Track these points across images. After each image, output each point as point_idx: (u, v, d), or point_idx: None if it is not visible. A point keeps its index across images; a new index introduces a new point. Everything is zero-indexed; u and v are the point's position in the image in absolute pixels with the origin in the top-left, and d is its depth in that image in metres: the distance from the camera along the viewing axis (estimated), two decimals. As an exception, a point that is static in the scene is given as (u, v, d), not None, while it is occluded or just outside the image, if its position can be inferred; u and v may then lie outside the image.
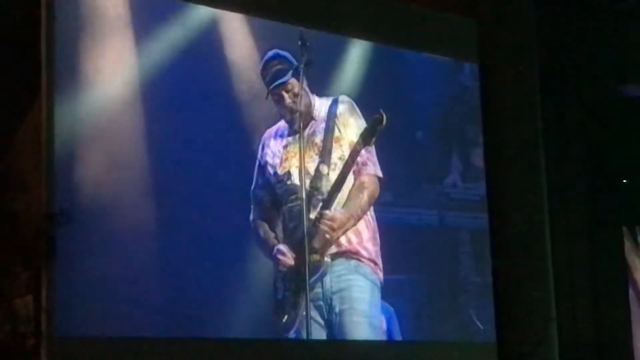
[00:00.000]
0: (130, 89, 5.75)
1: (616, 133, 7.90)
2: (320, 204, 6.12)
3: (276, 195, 6.18)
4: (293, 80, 6.17)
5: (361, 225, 6.30)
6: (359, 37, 6.87)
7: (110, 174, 5.59)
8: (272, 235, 6.13)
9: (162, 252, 5.70)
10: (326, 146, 6.17)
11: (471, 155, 7.43)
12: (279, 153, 6.21)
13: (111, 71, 5.68)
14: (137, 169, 5.71)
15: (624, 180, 7.83)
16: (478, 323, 7.01)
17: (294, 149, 6.19)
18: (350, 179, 6.27)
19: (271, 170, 6.22)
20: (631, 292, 8.17)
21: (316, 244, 6.11)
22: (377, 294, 6.30)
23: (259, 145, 6.23)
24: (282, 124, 6.32)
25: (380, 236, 6.64)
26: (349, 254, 6.21)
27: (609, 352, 7.93)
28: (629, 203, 7.86)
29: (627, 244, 8.22)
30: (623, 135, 7.89)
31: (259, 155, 6.22)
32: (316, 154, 6.18)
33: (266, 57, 6.23)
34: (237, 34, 6.22)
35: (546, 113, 7.65)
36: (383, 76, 7.02)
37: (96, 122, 5.58)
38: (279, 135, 6.26)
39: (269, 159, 6.21)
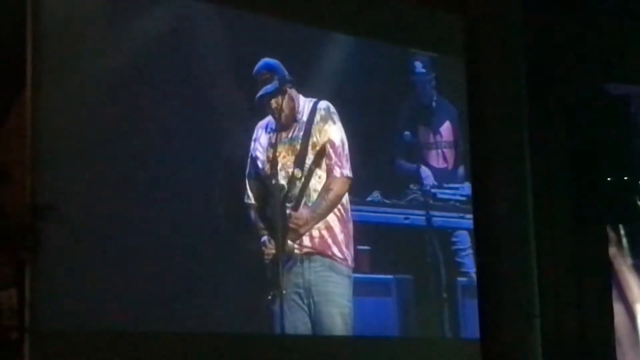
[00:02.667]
0: (116, 82, 5.73)
1: (601, 131, 7.92)
2: (291, 204, 6.45)
3: (264, 187, 6.40)
4: (278, 90, 6.43)
5: (334, 222, 6.57)
6: (345, 32, 6.88)
7: (95, 168, 5.57)
8: (260, 222, 6.37)
9: (146, 245, 5.69)
10: (302, 151, 6.49)
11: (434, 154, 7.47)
12: (266, 150, 6.44)
13: (99, 63, 5.66)
14: (126, 162, 5.69)
15: (608, 179, 7.85)
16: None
17: (278, 148, 6.45)
18: (322, 178, 6.57)
19: (260, 165, 6.42)
20: (614, 290, 8.21)
21: (289, 239, 6.41)
22: (348, 287, 6.58)
23: (252, 136, 6.39)
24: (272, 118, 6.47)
25: (367, 236, 6.76)
26: (323, 252, 6.54)
27: (591, 348, 7.96)
28: (613, 202, 7.87)
29: (611, 243, 8.26)
30: (608, 134, 7.91)
31: (251, 147, 6.37)
32: (293, 159, 6.49)
33: (255, 67, 6.38)
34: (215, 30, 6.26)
35: (531, 111, 7.69)
36: (370, 74, 7.03)
37: (81, 115, 5.56)
38: (268, 130, 6.46)
39: (259, 154, 6.42)
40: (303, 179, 6.46)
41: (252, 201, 6.31)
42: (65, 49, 5.54)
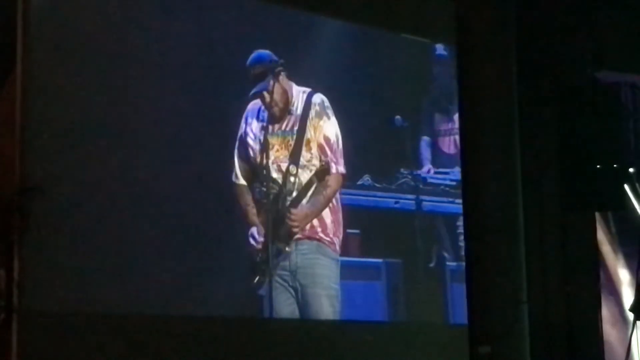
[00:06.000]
0: (105, 66, 5.72)
1: (591, 119, 7.94)
2: (288, 200, 6.42)
3: (254, 173, 6.39)
4: (271, 85, 6.38)
5: (325, 213, 6.57)
6: (337, 18, 6.88)
7: (85, 149, 5.57)
8: (249, 204, 6.34)
9: (134, 227, 5.68)
10: (296, 147, 6.47)
11: (447, 140, 7.50)
12: (257, 138, 6.39)
13: (89, 44, 5.66)
14: (114, 144, 5.70)
15: (598, 166, 7.88)
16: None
17: (271, 140, 6.42)
18: (317, 175, 6.56)
19: (251, 152, 6.38)
20: (602, 276, 8.26)
21: (282, 232, 6.40)
22: (335, 270, 6.58)
23: (242, 117, 6.35)
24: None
25: (357, 220, 6.75)
26: (311, 236, 6.51)
27: (578, 335, 8.00)
28: (602, 189, 7.91)
29: (600, 230, 8.29)
30: (598, 121, 7.94)
31: (241, 129, 6.34)
32: (287, 154, 6.45)
33: (248, 60, 6.34)
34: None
35: (522, 98, 7.72)
36: (362, 59, 7.03)
37: (71, 98, 5.55)
38: (260, 118, 6.42)
39: (250, 140, 6.38)
40: (299, 177, 6.45)
41: (241, 182, 6.31)
42: (56, 33, 5.51)
